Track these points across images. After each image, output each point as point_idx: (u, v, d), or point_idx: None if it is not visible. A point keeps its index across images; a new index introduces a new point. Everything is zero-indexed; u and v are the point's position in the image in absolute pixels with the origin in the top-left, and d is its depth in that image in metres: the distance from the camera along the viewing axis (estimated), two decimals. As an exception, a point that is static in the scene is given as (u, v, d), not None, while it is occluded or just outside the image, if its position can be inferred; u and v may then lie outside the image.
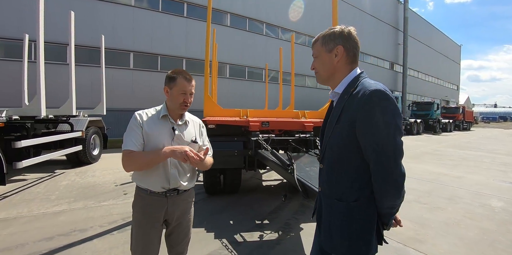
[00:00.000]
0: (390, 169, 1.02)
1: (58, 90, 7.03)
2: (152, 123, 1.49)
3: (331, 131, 1.14)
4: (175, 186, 1.53)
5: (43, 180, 5.30)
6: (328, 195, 1.19)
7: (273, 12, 17.25)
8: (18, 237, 2.88)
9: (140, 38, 12.71)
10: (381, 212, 1.12)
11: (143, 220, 1.53)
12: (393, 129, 1.00)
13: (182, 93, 1.49)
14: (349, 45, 1.13)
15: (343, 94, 1.13)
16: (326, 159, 1.20)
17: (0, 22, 9.98)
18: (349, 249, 1.12)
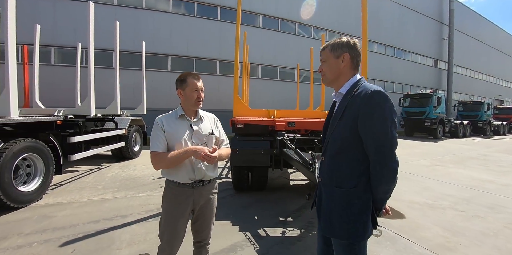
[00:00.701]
0: (387, 157, 1.20)
1: (105, 92, 7.78)
2: (172, 124, 1.70)
3: (334, 125, 1.32)
4: (200, 178, 1.72)
5: (92, 171, 5.98)
6: (328, 183, 1.34)
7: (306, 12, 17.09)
8: (71, 219, 3.35)
9: (177, 42, 13.46)
10: (376, 198, 1.30)
11: (173, 209, 1.71)
12: (390, 122, 1.19)
13: (195, 90, 1.71)
14: (353, 54, 1.32)
15: (347, 94, 1.31)
16: (328, 151, 1.36)
17: (57, 32, 11.30)
18: (348, 231, 1.28)
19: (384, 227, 3.28)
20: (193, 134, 1.71)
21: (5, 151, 3.44)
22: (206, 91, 7.23)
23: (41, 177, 4.06)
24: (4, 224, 3.20)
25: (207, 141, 1.76)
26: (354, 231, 1.27)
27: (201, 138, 1.74)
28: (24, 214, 3.51)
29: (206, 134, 1.75)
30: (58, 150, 4.41)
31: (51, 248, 2.64)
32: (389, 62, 21.46)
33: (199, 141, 1.73)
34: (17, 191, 3.64)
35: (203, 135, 1.74)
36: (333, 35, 18.49)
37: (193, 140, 1.71)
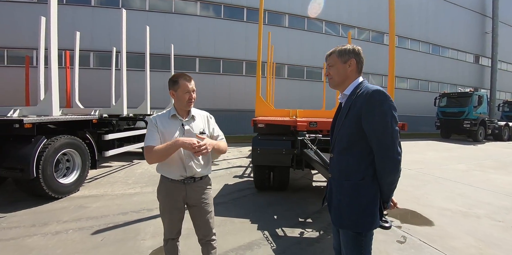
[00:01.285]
0: (389, 148, 1.31)
1: (137, 93, 8.25)
2: (164, 123, 1.77)
3: (341, 124, 1.44)
4: (191, 174, 1.79)
5: (123, 167, 6.39)
6: (338, 178, 1.45)
7: (333, 10, 16.69)
8: (103, 210, 3.63)
9: (204, 44, 13.86)
10: (382, 189, 1.38)
11: (167, 202, 1.82)
12: (390, 117, 1.31)
13: (186, 92, 1.74)
14: (358, 59, 1.46)
15: (351, 95, 1.43)
16: (336, 148, 1.48)
17: (95, 38, 12.19)
18: (357, 222, 1.37)
19: (409, 233, 3.12)
20: (184, 133, 1.77)
21: (48, 146, 3.82)
22: (233, 91, 7.52)
23: (78, 171, 4.43)
24: (46, 212, 3.56)
25: (197, 140, 1.80)
26: (362, 221, 1.36)
27: (191, 137, 1.76)
28: (62, 204, 3.87)
29: (197, 133, 1.80)
30: (93, 146, 4.78)
31: (84, 236, 2.89)
32: (423, 59, 20.23)
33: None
34: (58, 183, 4.03)
35: (193, 133, 1.78)
36: (362, 33, 17.87)
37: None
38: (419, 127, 19.61)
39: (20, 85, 9.86)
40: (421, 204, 4.20)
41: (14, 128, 3.66)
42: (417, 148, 11.29)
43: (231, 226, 3.21)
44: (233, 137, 12.76)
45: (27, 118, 3.67)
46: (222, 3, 14.25)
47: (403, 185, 5.21)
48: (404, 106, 18.85)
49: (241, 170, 6.39)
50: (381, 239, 2.94)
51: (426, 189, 5.05)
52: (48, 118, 3.99)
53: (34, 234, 2.92)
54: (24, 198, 4.01)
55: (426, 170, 6.71)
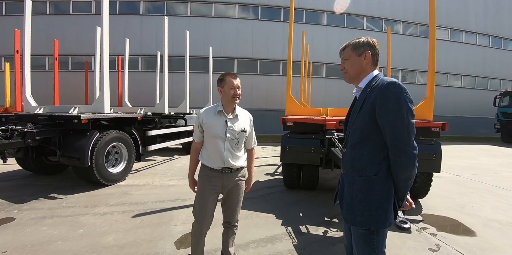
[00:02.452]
0: (405, 142, 1.24)
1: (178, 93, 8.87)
2: (210, 117, 1.94)
3: (354, 117, 1.39)
4: (229, 166, 1.95)
5: (164, 161, 6.94)
6: (350, 173, 1.40)
7: (375, 4, 15.87)
8: (143, 197, 4.06)
9: (242, 46, 14.26)
10: (397, 185, 1.32)
11: (204, 187, 2.00)
12: (406, 109, 1.24)
13: (232, 88, 1.89)
14: (374, 52, 1.40)
15: (366, 88, 1.38)
16: (349, 142, 1.43)
17: (143, 44, 13.31)
18: (370, 218, 1.31)
19: (445, 242, 2.90)
20: (227, 129, 1.91)
21: (100, 139, 4.36)
22: (270, 91, 7.75)
23: (125, 162, 4.97)
24: (97, 196, 4.10)
25: (238, 137, 1.95)
26: (375, 218, 1.30)
27: (233, 134, 1.93)
28: (110, 190, 4.39)
29: (238, 131, 1.94)
30: (138, 141, 5.30)
31: (126, 218, 3.28)
32: (482, 54, 18.09)
33: (232, 136, 1.93)
34: (108, 172, 4.57)
35: (235, 131, 1.93)
36: (408, 27, 16.67)
37: (226, 134, 1.91)
38: (475, 130, 17.62)
39: (81, 87, 11.25)
40: (465, 212, 3.84)
41: (73, 123, 4.27)
42: (470, 153, 10.20)
43: (256, 220, 3.34)
44: (270, 136, 12.90)
45: (83, 115, 4.25)
46: (260, 5, 14.50)
47: (446, 191, 4.80)
48: (458, 107, 17.12)
49: (273, 168, 6.49)
50: (410, 245, 2.79)
51: (474, 197, 4.58)
52: (101, 115, 4.56)
53: (86, 213, 3.40)
54: (81, 184, 4.65)
55: (477, 177, 6.07)
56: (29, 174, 5.35)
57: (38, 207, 3.61)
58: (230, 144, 1.92)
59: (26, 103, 5.26)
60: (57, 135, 4.40)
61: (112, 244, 2.64)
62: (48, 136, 4.30)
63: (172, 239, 2.78)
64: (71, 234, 2.84)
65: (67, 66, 13.94)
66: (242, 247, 2.63)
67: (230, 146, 1.92)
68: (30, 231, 2.89)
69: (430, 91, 4.43)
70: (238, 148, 1.98)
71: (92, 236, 2.80)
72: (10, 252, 2.47)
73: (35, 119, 4.46)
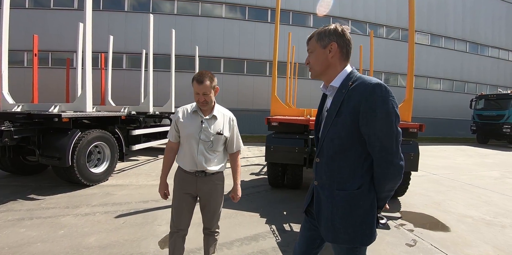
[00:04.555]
0: (393, 154, 1.12)
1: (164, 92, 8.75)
2: (186, 117, 1.84)
3: (330, 123, 1.19)
4: (202, 169, 1.83)
5: (149, 161, 6.84)
6: (328, 186, 1.23)
7: (360, 8, 16.29)
8: (127, 197, 4.00)
9: (229, 46, 14.24)
10: (380, 196, 1.21)
11: (178, 190, 1.90)
12: (394, 117, 1.10)
13: (196, 93, 1.75)
14: (342, 42, 1.19)
15: (341, 88, 1.19)
16: (324, 152, 1.24)
17: (128, 42, 13.03)
18: (354, 235, 1.19)
19: (421, 237, 3.04)
20: (201, 130, 1.79)
21: (82, 138, 4.26)
22: (258, 92, 7.79)
23: (108, 162, 4.87)
24: (78, 197, 4.00)
25: (213, 140, 1.81)
26: (360, 234, 1.19)
27: (208, 136, 1.80)
28: (93, 191, 4.29)
29: (213, 133, 1.81)
30: (121, 140, 5.20)
31: (108, 218, 3.23)
32: (460, 59, 18.95)
33: (206, 138, 1.80)
34: (89, 172, 4.47)
35: (210, 133, 1.80)
36: (391, 31, 17.22)
37: (200, 136, 1.79)
38: (453, 131, 18.43)
39: (62, 85, 10.87)
40: (440, 209, 4.04)
41: (54, 122, 4.14)
42: (447, 153, 10.68)
43: (241, 219, 3.37)
44: (256, 136, 12.96)
45: (64, 114, 4.13)
46: (247, 5, 14.54)
47: (424, 189, 5.03)
48: (437, 109, 17.84)
49: (259, 167, 6.54)
50: (389, 240, 2.91)
51: (450, 194, 4.83)
52: (82, 114, 4.45)
53: (67, 214, 3.31)
54: (61, 184, 4.51)
55: (453, 176, 6.37)
56: (6, 174, 5.13)
57: (15, 209, 3.48)
58: (204, 146, 1.80)
59: (3, 100, 5.04)
60: (36, 134, 4.25)
61: (94, 244, 2.60)
62: (26, 135, 4.15)
63: (156, 239, 2.77)
64: (51, 235, 2.77)
65: (47, 63, 13.43)
66: (227, 245, 2.66)
67: (204, 149, 1.80)
68: (7, 233, 2.79)
69: (409, 94, 4.63)
70: (213, 151, 1.84)
71: (74, 237, 2.74)
72: (-15, 255, 2.39)
73: (12, 117, 4.29)
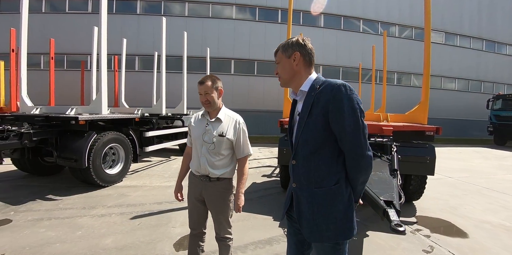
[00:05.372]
0: (363, 146, 1.21)
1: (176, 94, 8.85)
2: (196, 120, 1.95)
3: (303, 125, 1.27)
4: (205, 173, 1.84)
5: (161, 162, 6.93)
6: (306, 186, 1.29)
7: (371, 7, 16.04)
8: (141, 199, 4.06)
9: (239, 47, 14.28)
10: (355, 189, 1.30)
11: (189, 193, 1.97)
12: (360, 112, 1.20)
13: (200, 94, 1.86)
14: (304, 52, 1.32)
15: (310, 91, 1.28)
16: (299, 153, 1.30)
17: (140, 44, 13.24)
18: (336, 231, 1.25)
19: (438, 244, 2.96)
20: (205, 132, 1.84)
21: (97, 140, 4.35)
22: (266, 92, 7.81)
23: (122, 163, 4.96)
24: (94, 197, 4.09)
25: (215, 141, 1.82)
26: (342, 229, 1.25)
27: (210, 137, 1.82)
28: (108, 191, 4.38)
29: (216, 135, 1.82)
30: (135, 142, 5.29)
31: (124, 219, 3.29)
32: (476, 57, 18.39)
33: (209, 139, 1.83)
34: (105, 173, 4.56)
35: (213, 134, 1.82)
36: (404, 30, 16.88)
37: (203, 138, 1.83)
38: (468, 132, 17.90)
39: (76, 87, 11.16)
40: (457, 214, 3.92)
41: (70, 124, 4.25)
42: (463, 155, 10.37)
43: (254, 222, 3.37)
44: (266, 137, 12.95)
45: (81, 116, 4.23)
46: (257, 6, 14.54)
47: (440, 193, 4.89)
48: (452, 109, 17.37)
49: (270, 169, 6.53)
50: (404, 246, 2.86)
51: (466, 199, 4.68)
52: (98, 116, 4.55)
53: (84, 215, 3.39)
54: (77, 185, 4.63)
55: (470, 179, 6.18)
56: (24, 174, 5.31)
57: (35, 209, 3.59)
58: (207, 148, 1.82)
59: (22, 103, 5.21)
60: (54, 135, 4.38)
61: (111, 246, 2.65)
62: (45, 137, 4.28)
63: (171, 241, 2.80)
64: (69, 236, 2.84)
65: (63, 65, 13.80)
66: (241, 249, 2.67)
67: (207, 151, 1.82)
68: (27, 233, 2.88)
69: (425, 96, 4.53)
70: (216, 153, 1.83)
71: (91, 238, 2.81)
72: (8, 254, 2.46)
73: (31, 120, 4.43)
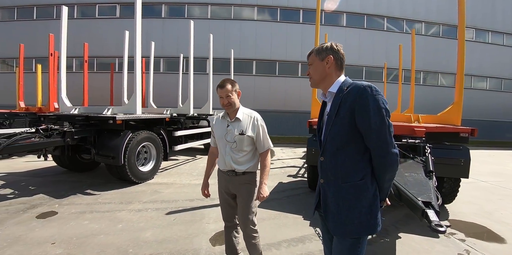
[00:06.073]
0: (389, 144, 1.26)
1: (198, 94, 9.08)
2: (217, 122, 2.09)
3: (331, 124, 1.35)
4: (230, 168, 2.00)
5: (188, 161, 7.17)
6: (333, 181, 1.36)
7: (396, 4, 15.59)
8: (173, 195, 4.24)
9: (261, 47, 14.39)
10: (382, 187, 1.35)
11: (219, 189, 2.15)
12: (385, 111, 1.25)
13: (220, 97, 1.98)
14: (337, 56, 1.42)
15: (338, 92, 1.36)
16: (327, 150, 1.38)
17: (165, 46, 13.67)
18: (360, 226, 1.29)
19: (474, 248, 2.88)
20: (227, 132, 1.99)
21: (132, 139, 4.59)
22: (288, 93, 7.89)
23: (153, 161, 5.19)
24: (129, 193, 4.33)
25: (237, 140, 1.96)
26: (366, 224, 1.29)
27: (232, 137, 1.96)
28: (141, 188, 4.61)
29: (236, 134, 1.96)
30: (166, 141, 5.51)
31: (160, 215, 3.46)
32: (509, 55, 17.32)
33: (231, 139, 1.97)
34: (138, 170, 4.80)
35: (234, 134, 1.96)
36: (430, 27, 16.25)
37: (226, 138, 1.98)
38: (501, 134, 16.90)
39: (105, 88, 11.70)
40: (492, 219, 3.76)
41: (108, 123, 4.51)
42: (495, 158, 9.86)
43: (285, 220, 3.43)
44: (287, 138, 12.92)
45: (118, 116, 4.48)
46: (278, 7, 14.57)
47: (473, 197, 4.71)
48: (483, 110, 16.48)
49: (295, 170, 6.55)
50: (439, 249, 2.80)
51: (502, 204, 4.47)
52: (133, 116, 4.79)
53: (122, 209, 3.60)
54: (111, 181, 4.91)
55: (505, 184, 5.89)
56: (63, 170, 5.68)
57: (76, 202, 3.86)
58: (230, 147, 1.97)
59: (61, 103, 5.58)
60: (93, 134, 4.67)
61: (151, 239, 2.80)
62: (84, 135, 4.58)
63: (206, 236, 2.92)
64: (111, 228, 3.03)
65: (93, 68, 14.53)
66: (275, 246, 2.73)
67: (231, 149, 1.97)
68: (73, 225, 3.11)
69: (458, 96, 4.38)
70: (239, 150, 1.97)
71: (131, 231, 2.98)
72: (58, 243, 2.67)
73: (72, 119, 4.75)
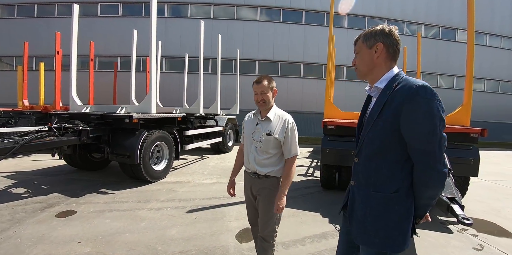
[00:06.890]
0: (436, 159, 1.06)
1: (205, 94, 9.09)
2: (249, 119, 2.05)
3: (371, 124, 1.18)
4: (253, 169, 1.92)
5: (196, 160, 7.21)
6: (364, 186, 1.22)
7: (397, 6, 15.78)
8: (190, 194, 4.28)
9: (263, 48, 14.45)
10: (419, 203, 1.17)
11: (245, 189, 2.08)
12: (439, 120, 1.05)
13: (255, 93, 1.90)
14: (389, 42, 1.16)
15: (385, 89, 1.16)
16: (363, 152, 1.23)
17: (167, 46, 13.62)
18: (385, 240, 1.15)
19: (487, 243, 2.98)
20: (255, 131, 1.92)
21: (147, 138, 4.61)
22: (290, 93, 7.98)
23: (166, 160, 5.22)
24: (145, 192, 4.35)
25: (263, 140, 1.86)
26: (391, 240, 1.14)
27: (259, 136, 1.88)
28: (156, 187, 4.63)
29: (263, 134, 1.86)
30: (177, 140, 5.53)
31: (180, 213, 3.49)
32: (506, 58, 17.58)
33: (257, 138, 1.88)
34: (152, 169, 4.82)
35: (261, 133, 1.87)
36: (430, 30, 16.48)
37: (253, 136, 1.91)
38: (499, 136, 17.15)
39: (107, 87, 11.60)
40: (501, 216, 3.89)
41: (124, 122, 4.52)
42: (496, 159, 10.06)
43: (304, 218, 3.49)
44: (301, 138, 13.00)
45: (135, 115, 4.49)
46: (281, 7, 14.66)
47: (479, 196, 4.83)
48: (481, 111, 16.70)
49: (303, 169, 6.62)
50: (455, 244, 2.90)
51: (508, 202, 4.61)
52: (149, 115, 4.81)
53: (141, 208, 3.62)
54: (124, 180, 4.92)
55: (506, 183, 6.04)
56: (73, 169, 5.65)
57: (93, 201, 3.86)
58: (255, 146, 1.89)
59: (72, 102, 5.55)
60: (107, 133, 4.67)
61: (177, 237, 2.83)
62: (99, 134, 4.57)
63: (231, 233, 2.95)
64: (134, 227, 3.04)
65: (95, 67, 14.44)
66: (300, 242, 2.79)
67: (255, 149, 1.89)
68: (95, 223, 3.11)
69: (467, 98, 4.53)
70: (263, 151, 1.86)
71: (156, 229, 3.00)
72: (84, 242, 2.66)
73: (86, 118, 4.74)
